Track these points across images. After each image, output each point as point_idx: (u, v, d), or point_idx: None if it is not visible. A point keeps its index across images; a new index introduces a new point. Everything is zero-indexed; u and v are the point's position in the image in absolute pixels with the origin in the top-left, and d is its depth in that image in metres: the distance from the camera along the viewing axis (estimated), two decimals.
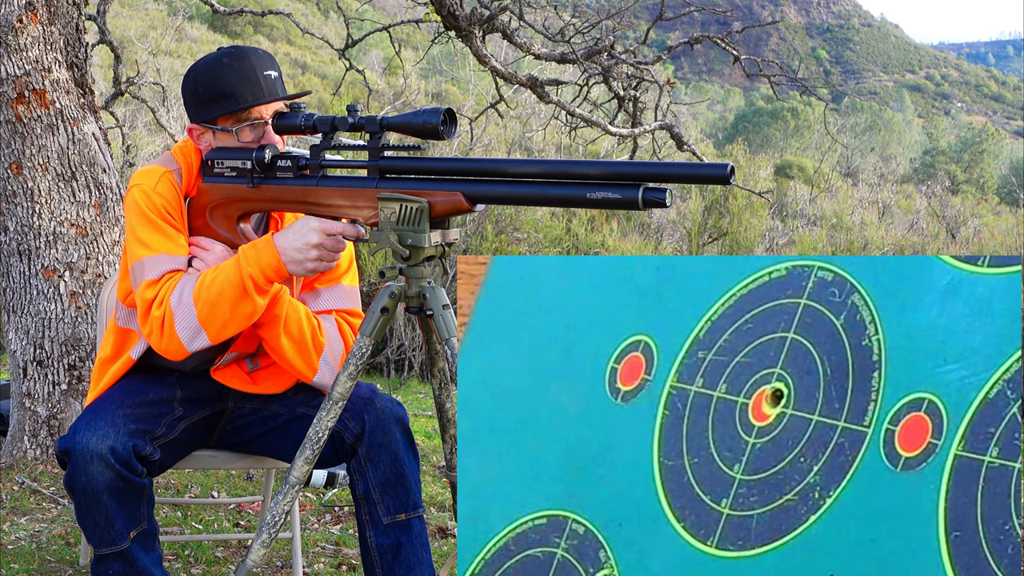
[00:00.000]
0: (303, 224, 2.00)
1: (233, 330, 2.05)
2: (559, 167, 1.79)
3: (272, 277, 2.01)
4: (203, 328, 2.02)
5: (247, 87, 2.06)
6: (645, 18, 13.49)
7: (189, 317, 2.02)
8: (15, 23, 3.49)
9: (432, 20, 5.34)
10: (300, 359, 2.14)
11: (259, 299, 2.02)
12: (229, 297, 2.00)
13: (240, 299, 2.01)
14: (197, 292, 2.01)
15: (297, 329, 2.13)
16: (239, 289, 2.00)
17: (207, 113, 2.09)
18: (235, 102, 2.06)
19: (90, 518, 2.03)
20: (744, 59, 5.84)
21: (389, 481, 2.16)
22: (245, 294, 2.00)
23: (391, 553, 2.15)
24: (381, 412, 2.17)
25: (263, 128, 2.09)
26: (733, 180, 1.64)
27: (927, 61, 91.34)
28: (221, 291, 2.00)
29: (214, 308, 2.01)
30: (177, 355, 2.06)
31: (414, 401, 6.14)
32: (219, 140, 2.11)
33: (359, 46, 6.91)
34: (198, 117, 2.11)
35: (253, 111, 2.08)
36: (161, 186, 2.10)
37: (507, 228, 8.40)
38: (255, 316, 2.04)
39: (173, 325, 2.02)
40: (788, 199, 14.82)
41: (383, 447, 2.16)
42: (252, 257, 2.01)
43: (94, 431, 2.01)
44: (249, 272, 2.00)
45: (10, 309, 3.68)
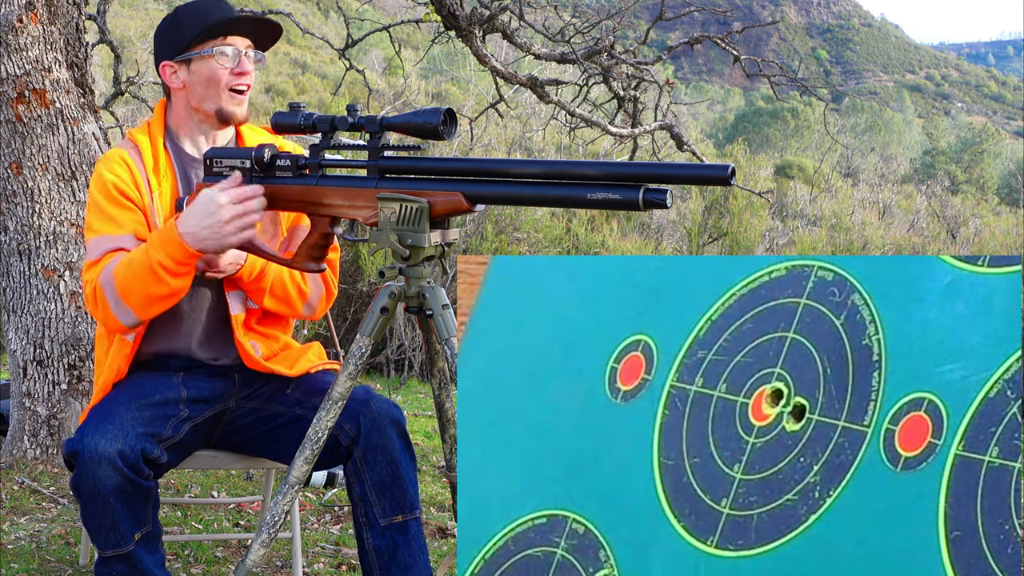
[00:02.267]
0: (207, 202, 1.99)
1: (158, 308, 2.09)
2: (559, 167, 1.79)
3: (183, 260, 2.02)
4: (127, 305, 2.07)
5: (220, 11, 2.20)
6: (645, 18, 13.48)
7: (114, 295, 2.08)
8: (15, 23, 3.49)
9: (432, 20, 5.34)
10: (286, 309, 2.27)
11: (174, 281, 2.05)
12: (143, 280, 2.04)
13: (153, 283, 2.04)
14: (116, 271, 2.07)
15: (282, 291, 2.24)
16: (150, 274, 2.03)
17: (181, 41, 2.18)
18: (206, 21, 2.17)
19: (96, 520, 2.03)
20: (744, 59, 5.84)
21: (385, 483, 2.16)
22: (157, 279, 2.03)
23: (388, 555, 2.15)
24: (377, 414, 2.16)
25: (240, 58, 2.20)
26: (734, 181, 1.64)
27: (927, 61, 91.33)
28: (135, 274, 2.05)
29: (131, 291, 2.06)
30: (118, 328, 2.14)
31: (414, 401, 6.14)
32: (195, 73, 2.19)
33: (359, 46, 6.91)
34: (174, 49, 2.20)
35: (228, 39, 2.19)
36: (115, 165, 2.19)
37: (507, 228, 8.40)
38: (179, 294, 2.08)
39: (105, 301, 2.09)
40: (788, 199, 14.83)
41: (379, 449, 2.15)
42: (156, 244, 2.03)
43: (102, 434, 2.01)
44: (156, 259, 2.02)
45: (10, 309, 3.68)
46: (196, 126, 2.26)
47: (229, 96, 2.21)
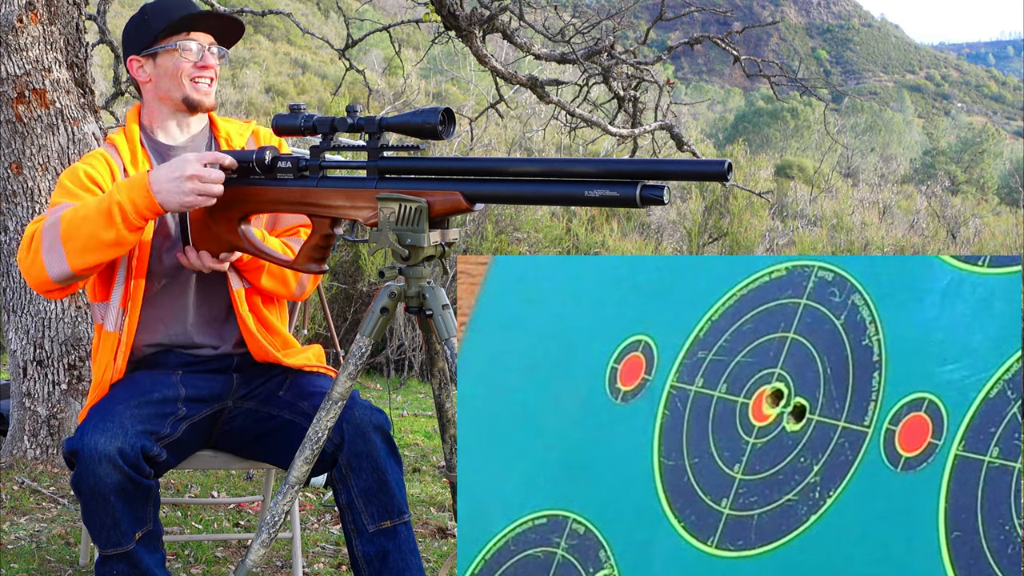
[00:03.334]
0: (179, 160, 2.02)
1: (93, 258, 2.04)
2: (557, 166, 1.79)
3: (143, 211, 2.01)
4: (63, 249, 2.03)
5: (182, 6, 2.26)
6: (645, 18, 13.48)
7: (53, 237, 2.04)
8: (15, 23, 3.49)
9: (432, 20, 5.34)
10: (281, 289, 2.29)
11: (125, 231, 2.02)
12: (93, 222, 2.01)
13: (104, 225, 2.01)
14: (65, 215, 2.05)
15: (279, 271, 2.26)
16: (104, 214, 2.01)
17: (148, 35, 2.24)
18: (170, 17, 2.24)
19: (96, 519, 2.03)
20: (744, 59, 5.84)
21: (371, 489, 2.15)
22: (110, 220, 2.01)
23: (379, 561, 2.15)
24: (360, 421, 2.16)
25: (204, 52, 2.26)
26: (731, 176, 1.63)
27: (927, 61, 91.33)
28: (86, 216, 2.03)
29: (75, 233, 2.02)
30: (39, 281, 2.08)
31: (414, 401, 6.15)
32: (160, 67, 2.25)
33: (359, 46, 6.91)
34: (140, 44, 2.26)
35: (192, 34, 2.25)
36: (93, 159, 2.24)
37: (507, 228, 8.40)
38: (120, 248, 2.04)
39: (40, 244, 2.06)
40: (788, 199, 14.82)
41: (363, 456, 2.15)
42: (124, 187, 2.03)
43: (102, 432, 2.01)
44: (118, 199, 2.01)
45: (10, 309, 3.68)
46: (168, 116, 2.31)
47: (193, 85, 2.27)
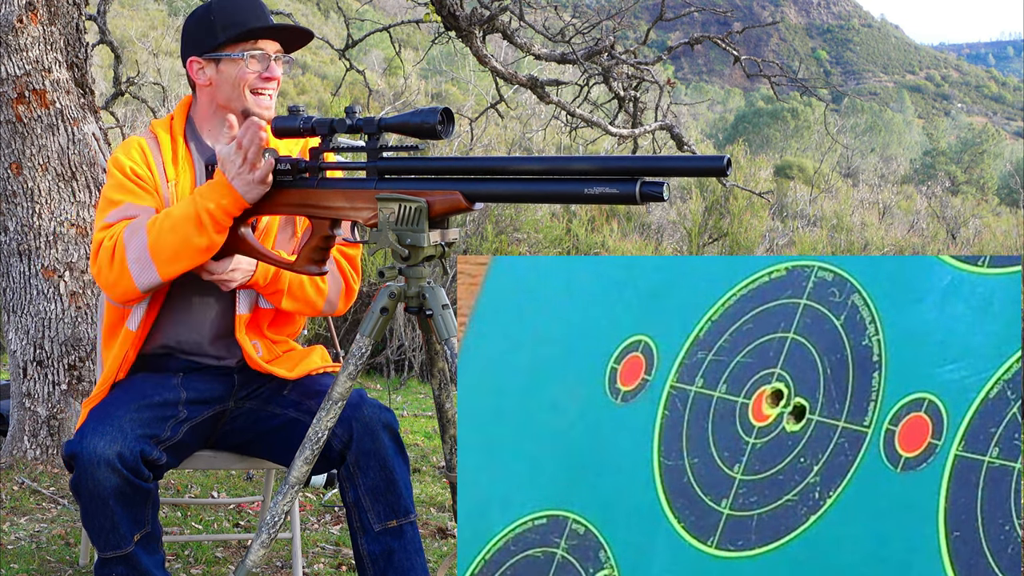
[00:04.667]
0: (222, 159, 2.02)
1: (183, 265, 2.05)
2: (557, 164, 1.79)
3: (231, 210, 2.02)
4: (152, 260, 2.04)
5: (256, 18, 2.19)
6: (645, 18, 13.48)
7: (140, 248, 2.04)
8: (15, 23, 3.49)
9: (432, 20, 5.34)
10: (306, 309, 2.26)
11: (215, 233, 2.03)
12: (182, 231, 2.02)
13: (195, 233, 2.02)
14: (151, 224, 2.05)
15: (300, 291, 2.22)
16: (194, 221, 2.02)
17: (214, 39, 2.17)
18: (244, 25, 2.16)
19: (95, 522, 2.03)
20: (744, 59, 5.84)
21: (379, 488, 2.15)
22: (200, 226, 2.02)
23: (384, 560, 2.15)
24: (369, 419, 2.16)
25: (268, 62, 2.19)
26: (730, 172, 1.63)
27: (927, 62, 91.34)
28: (174, 226, 2.03)
29: (164, 244, 2.03)
30: (125, 292, 2.08)
31: (414, 401, 6.14)
32: (223, 73, 2.18)
33: (359, 46, 6.91)
34: (203, 47, 2.19)
35: (260, 42, 2.18)
36: (132, 151, 2.19)
37: (507, 228, 8.40)
38: (210, 252, 2.06)
39: (124, 256, 2.05)
40: (788, 200, 14.82)
41: (371, 454, 2.15)
42: (207, 193, 2.02)
43: (101, 436, 2.01)
44: (206, 206, 2.01)
45: (10, 309, 3.68)
46: (220, 123, 2.24)
47: (255, 99, 2.20)
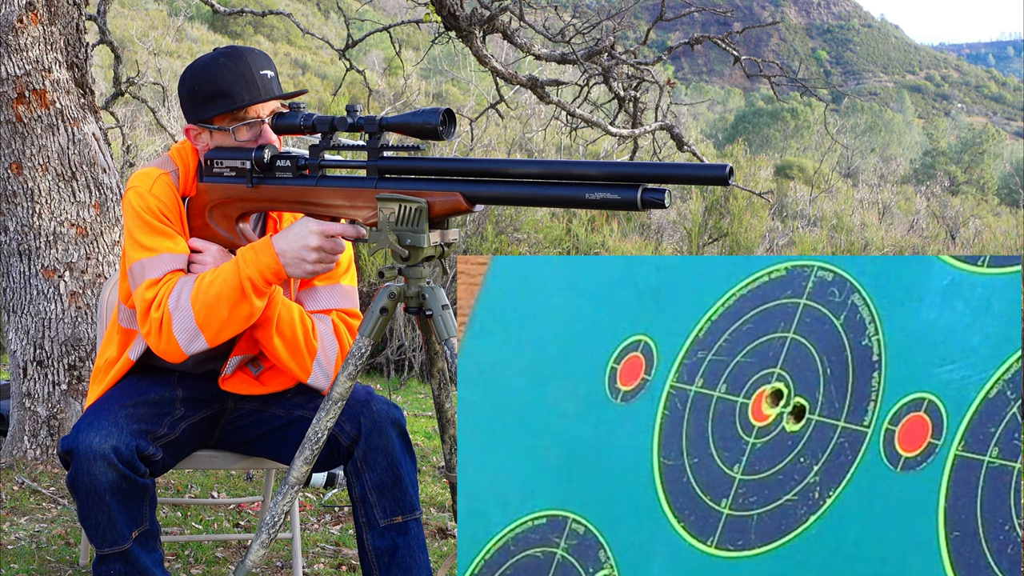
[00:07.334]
0: (302, 226, 2.00)
1: (231, 332, 2.05)
2: (558, 167, 1.79)
3: (271, 279, 2.02)
4: (201, 331, 2.03)
5: (243, 86, 2.07)
6: (645, 18, 13.50)
7: (187, 319, 2.02)
8: (15, 23, 3.49)
9: (432, 20, 5.34)
10: (293, 361, 2.15)
11: (257, 301, 2.03)
12: (227, 299, 2.01)
13: (238, 301, 2.01)
14: (195, 295, 2.02)
15: (290, 330, 2.13)
16: (237, 291, 2.00)
17: (204, 112, 2.09)
18: (231, 101, 2.06)
19: (92, 518, 2.03)
20: (744, 60, 5.83)
21: (385, 484, 2.16)
22: (243, 296, 2.01)
23: (388, 555, 2.15)
24: (377, 415, 2.16)
25: (259, 127, 2.10)
26: (732, 181, 1.64)
27: (927, 62, 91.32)
28: (219, 293, 2.01)
29: (212, 310, 2.01)
30: (175, 357, 2.07)
31: (414, 401, 6.14)
32: (216, 140, 2.11)
33: (359, 46, 6.91)
34: (195, 117, 2.11)
35: (250, 110, 2.08)
36: (157, 188, 2.11)
37: (507, 228, 8.40)
38: (253, 318, 2.05)
39: (171, 327, 2.03)
40: (788, 200, 14.82)
41: (379, 450, 2.15)
42: (251, 259, 2.01)
43: (97, 431, 2.01)
44: (248, 274, 2.00)
45: (10, 309, 3.68)
46: None
47: None
